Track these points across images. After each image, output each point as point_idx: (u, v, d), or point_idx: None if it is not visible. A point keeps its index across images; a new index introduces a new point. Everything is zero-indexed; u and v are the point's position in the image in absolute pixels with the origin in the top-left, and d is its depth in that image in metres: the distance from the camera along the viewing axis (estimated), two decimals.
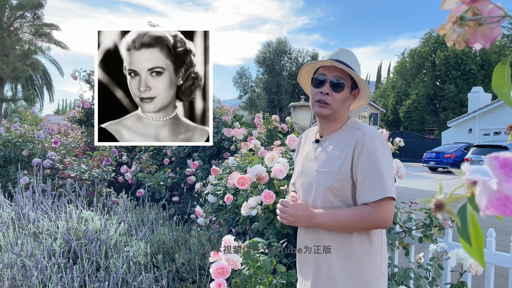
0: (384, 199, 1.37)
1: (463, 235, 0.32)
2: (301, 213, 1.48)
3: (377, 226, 1.41)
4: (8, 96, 23.64)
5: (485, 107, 22.02)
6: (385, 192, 1.37)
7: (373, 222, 1.39)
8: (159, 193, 4.83)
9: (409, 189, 11.67)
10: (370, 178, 1.39)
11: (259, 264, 1.96)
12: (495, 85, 0.38)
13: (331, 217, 1.44)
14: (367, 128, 1.49)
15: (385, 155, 1.43)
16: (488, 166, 0.31)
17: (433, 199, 0.35)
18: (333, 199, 1.47)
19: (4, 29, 20.36)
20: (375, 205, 1.38)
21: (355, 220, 1.39)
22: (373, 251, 1.46)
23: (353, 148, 1.44)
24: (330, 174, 1.47)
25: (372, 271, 1.45)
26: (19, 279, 2.43)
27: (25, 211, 3.21)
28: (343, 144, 1.49)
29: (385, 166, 1.40)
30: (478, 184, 0.30)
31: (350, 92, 1.54)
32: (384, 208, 1.38)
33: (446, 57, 32.30)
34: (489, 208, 0.30)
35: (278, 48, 29.63)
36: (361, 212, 1.39)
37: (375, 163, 1.39)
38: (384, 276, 1.49)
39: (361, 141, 1.43)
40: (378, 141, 1.43)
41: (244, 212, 2.61)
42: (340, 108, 1.52)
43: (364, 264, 1.44)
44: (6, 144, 5.13)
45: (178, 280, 2.92)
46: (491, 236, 2.48)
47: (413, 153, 26.81)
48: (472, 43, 0.39)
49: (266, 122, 4.42)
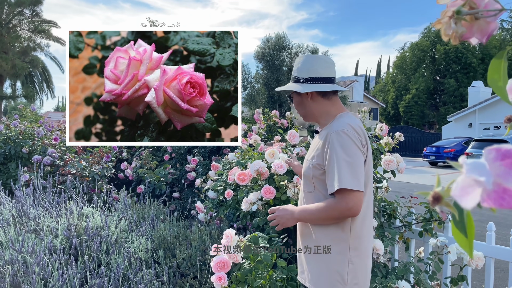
0: (346, 190, 1.48)
1: (459, 227, 0.32)
2: (285, 213, 1.68)
3: (345, 215, 1.52)
4: (7, 93, 23.61)
5: (485, 101, 22.00)
6: (341, 183, 1.47)
7: (339, 211, 1.51)
8: (159, 189, 4.83)
9: (409, 183, 11.68)
10: (331, 171, 1.53)
11: (260, 259, 1.97)
12: (490, 79, 0.38)
13: (307, 211, 1.62)
14: (337, 124, 1.61)
15: (346, 147, 1.52)
16: (487, 158, 0.31)
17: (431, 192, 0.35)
18: (308, 185, 1.67)
19: (3, 26, 20.30)
20: (338, 195, 1.51)
21: (324, 211, 1.54)
22: (339, 239, 1.58)
23: (324, 142, 1.59)
24: (307, 162, 1.69)
25: (337, 255, 1.57)
26: (21, 275, 2.44)
27: (26, 208, 3.22)
28: (321, 137, 1.65)
29: (344, 158, 1.50)
30: (475, 183, 0.30)
31: (299, 95, 1.72)
32: (347, 198, 1.49)
33: (446, 51, 32.22)
34: (487, 200, 0.31)
35: (278, 44, 29.54)
36: (328, 203, 1.54)
37: (335, 156, 1.52)
38: (356, 266, 1.58)
39: (329, 137, 1.57)
40: (342, 134, 1.54)
41: (244, 208, 2.62)
42: (304, 111, 1.74)
43: (331, 253, 1.59)
44: (6, 141, 5.13)
45: (179, 276, 2.93)
46: (491, 230, 2.49)
47: (413, 148, 26.81)
48: (468, 38, 0.39)
49: (266, 118, 4.42)
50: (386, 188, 2.76)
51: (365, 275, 1.62)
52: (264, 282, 1.99)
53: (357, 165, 1.52)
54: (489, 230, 2.48)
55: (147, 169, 5.26)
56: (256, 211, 2.81)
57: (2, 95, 22.27)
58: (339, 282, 1.55)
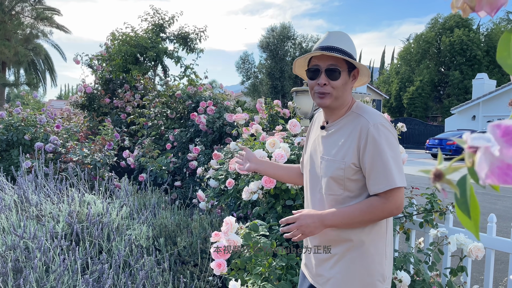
0: (394, 188, 1.37)
1: (462, 207, 0.31)
2: (310, 221, 1.43)
3: (391, 215, 1.41)
4: (11, 80, 23.60)
5: (489, 94, 21.86)
6: (393, 182, 1.36)
7: (387, 211, 1.39)
8: (161, 178, 4.84)
9: (411, 175, 11.67)
10: (377, 169, 1.38)
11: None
12: (499, 57, 0.37)
13: (344, 215, 1.42)
14: (371, 115, 1.45)
15: (390, 142, 1.40)
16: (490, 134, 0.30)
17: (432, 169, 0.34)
18: (336, 188, 1.47)
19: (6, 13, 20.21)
20: (385, 195, 1.38)
21: (369, 213, 1.39)
22: (378, 236, 1.47)
23: (358, 137, 1.42)
24: (333, 162, 1.46)
25: (376, 255, 1.46)
26: (22, 260, 2.46)
27: (28, 194, 3.23)
28: (348, 132, 1.47)
29: (390, 155, 1.38)
30: (479, 151, 0.29)
31: (348, 75, 1.50)
32: (396, 197, 1.38)
33: (451, 43, 31.93)
34: (490, 177, 0.30)
35: (282, 34, 29.35)
36: (373, 204, 1.39)
37: (381, 153, 1.37)
38: (389, 260, 1.50)
39: (365, 131, 1.41)
40: (382, 128, 1.40)
41: (245, 197, 2.62)
42: (342, 94, 1.49)
43: (367, 249, 1.45)
44: (8, 128, 5.14)
45: (179, 263, 2.95)
46: (492, 221, 2.48)
47: (416, 140, 26.74)
48: (478, 11, 0.38)
49: (268, 107, 4.40)
50: None
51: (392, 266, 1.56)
52: (264, 270, 1.99)
53: (400, 158, 1.42)
54: (490, 222, 2.48)
55: (149, 157, 5.26)
56: (256, 200, 2.81)
57: (5, 82, 22.27)
58: (379, 281, 1.46)
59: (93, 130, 6.77)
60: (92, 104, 7.29)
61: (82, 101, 7.24)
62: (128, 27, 7.83)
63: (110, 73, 7.47)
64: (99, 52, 7.61)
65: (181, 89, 6.36)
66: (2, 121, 5.18)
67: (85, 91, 7.23)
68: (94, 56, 7.61)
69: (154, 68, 8.06)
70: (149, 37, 7.73)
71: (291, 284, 2.11)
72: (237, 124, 3.80)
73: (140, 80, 7.78)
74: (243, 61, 30.83)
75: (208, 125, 5.14)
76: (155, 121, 6.14)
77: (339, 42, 1.49)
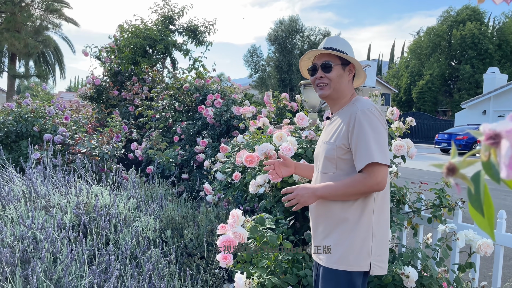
0: (375, 165, 1.54)
1: (475, 205, 0.29)
2: (305, 191, 1.67)
3: (372, 190, 1.57)
4: (21, 72, 23.78)
5: (500, 88, 21.53)
6: (372, 157, 1.53)
7: (367, 186, 1.55)
8: (168, 170, 4.85)
9: (419, 170, 11.59)
10: (359, 148, 1.57)
11: (266, 240, 1.96)
12: None
13: (332, 187, 1.63)
14: (361, 103, 1.67)
15: (374, 125, 1.59)
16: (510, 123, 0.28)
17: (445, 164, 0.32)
18: (330, 166, 1.68)
19: (16, 4, 20.31)
20: (367, 171, 1.56)
21: (352, 187, 1.57)
22: (362, 214, 1.62)
23: (348, 122, 1.64)
24: (329, 144, 1.69)
25: (360, 232, 1.61)
26: (30, 251, 2.48)
27: (36, 185, 3.25)
28: (343, 118, 1.69)
29: (371, 135, 1.57)
30: (504, 136, 0.27)
31: (343, 68, 1.73)
32: (376, 173, 1.54)
33: (463, 37, 31.49)
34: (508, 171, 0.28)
35: (290, 26, 29.15)
36: (356, 179, 1.57)
37: (363, 134, 1.57)
38: (378, 239, 1.64)
39: (354, 115, 1.62)
40: (368, 113, 1.61)
41: (251, 190, 2.61)
42: (338, 85, 1.72)
43: (351, 225, 1.62)
44: (17, 119, 5.17)
45: (186, 255, 2.96)
46: (501, 217, 2.45)
47: (425, 135, 26.50)
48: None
49: (276, 100, 4.38)
50: (396, 173, 2.72)
51: (386, 247, 1.69)
52: (270, 263, 1.99)
53: (384, 140, 1.60)
54: (499, 218, 2.44)
55: (157, 150, 5.27)
56: (263, 194, 2.80)
57: (15, 74, 22.44)
58: (362, 255, 1.60)
59: (101, 122, 6.80)
60: (100, 96, 7.32)
61: (90, 93, 7.27)
62: (138, 19, 7.82)
63: (118, 65, 7.48)
64: (108, 44, 7.62)
65: (189, 81, 6.35)
66: (12, 112, 5.22)
67: (94, 83, 7.25)
68: (103, 48, 7.61)
69: (162, 60, 8.05)
70: (159, 30, 7.71)
71: (297, 278, 2.11)
72: (244, 117, 3.78)
73: (148, 72, 7.78)
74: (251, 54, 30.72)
75: (216, 118, 5.13)
76: (163, 113, 6.14)
77: (334, 43, 1.75)
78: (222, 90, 5.88)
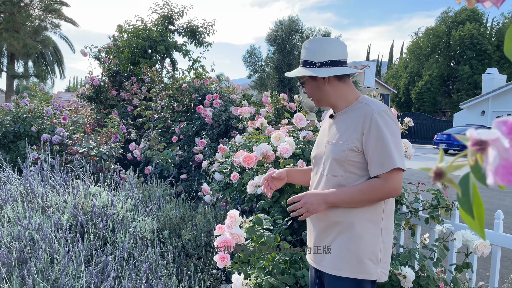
0: (393, 170, 1.46)
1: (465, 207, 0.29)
2: (314, 199, 1.54)
3: (389, 196, 1.50)
4: (19, 72, 23.73)
5: (499, 89, 21.57)
6: (393, 163, 1.46)
7: (385, 192, 1.48)
8: (167, 171, 4.85)
9: (417, 170, 11.60)
10: (378, 153, 1.48)
11: (263, 240, 1.96)
12: (507, 49, 0.35)
13: (345, 194, 1.52)
14: (376, 104, 1.57)
15: (392, 128, 1.51)
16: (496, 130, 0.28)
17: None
18: (338, 169, 1.57)
19: (14, 4, 20.28)
20: (385, 176, 1.47)
21: (368, 193, 1.49)
22: (370, 220, 1.54)
23: (362, 123, 1.53)
24: (337, 145, 1.58)
25: (368, 237, 1.53)
26: (27, 251, 2.47)
27: (34, 186, 3.25)
28: (353, 118, 1.58)
29: (391, 140, 1.49)
30: (490, 144, 0.27)
31: (314, 79, 1.64)
32: (395, 178, 1.47)
33: (461, 37, 31.53)
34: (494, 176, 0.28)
35: (290, 27, 29.15)
36: (372, 185, 1.48)
37: (382, 137, 1.48)
38: (387, 246, 1.57)
39: (369, 117, 1.52)
40: (385, 116, 1.52)
41: (249, 190, 2.61)
42: (321, 95, 1.65)
43: (358, 231, 1.53)
44: (15, 119, 5.16)
45: (184, 256, 2.95)
46: (499, 218, 2.45)
47: (424, 135, 26.53)
48: (483, 1, 0.36)
49: (274, 101, 4.38)
50: None
51: (390, 253, 1.63)
52: (267, 264, 1.99)
53: (401, 144, 1.54)
54: (497, 218, 2.44)
55: (155, 150, 5.27)
56: (261, 194, 2.80)
57: (14, 74, 22.40)
58: (373, 262, 1.53)
59: (100, 122, 6.79)
60: (99, 96, 7.31)
61: (89, 93, 7.26)
62: (138, 20, 7.82)
63: (117, 65, 7.47)
64: (107, 45, 7.61)
65: (187, 82, 6.35)
66: (10, 113, 5.21)
67: (92, 83, 7.25)
68: (102, 48, 7.61)
69: (162, 61, 8.05)
70: (158, 30, 7.71)
71: (294, 279, 2.10)
72: (243, 118, 3.78)
73: (147, 72, 7.78)
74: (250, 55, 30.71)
75: (214, 118, 5.13)
76: (162, 114, 6.14)
77: (304, 53, 1.66)
78: (220, 91, 5.88)
